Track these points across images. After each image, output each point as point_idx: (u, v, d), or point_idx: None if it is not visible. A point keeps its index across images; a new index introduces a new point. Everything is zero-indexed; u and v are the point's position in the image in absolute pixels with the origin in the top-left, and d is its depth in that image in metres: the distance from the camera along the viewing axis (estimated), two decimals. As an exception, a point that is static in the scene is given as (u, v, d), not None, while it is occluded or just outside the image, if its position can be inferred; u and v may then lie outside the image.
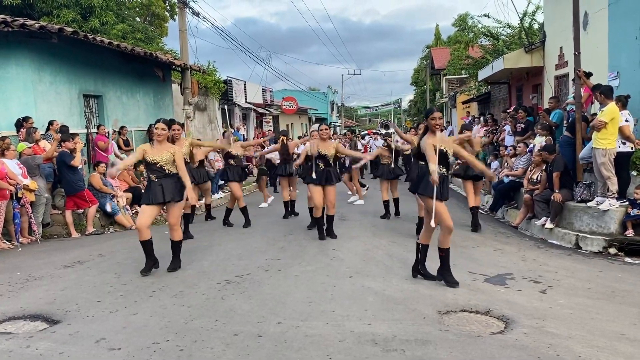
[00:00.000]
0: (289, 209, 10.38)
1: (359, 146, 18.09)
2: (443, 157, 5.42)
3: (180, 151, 6.39)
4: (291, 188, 10.53)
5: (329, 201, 7.99)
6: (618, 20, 9.38)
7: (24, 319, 4.69)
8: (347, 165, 13.47)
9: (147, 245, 6.09)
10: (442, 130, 5.61)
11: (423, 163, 5.54)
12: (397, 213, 10.12)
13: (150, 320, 4.52)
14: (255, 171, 14.87)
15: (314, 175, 7.90)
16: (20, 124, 9.27)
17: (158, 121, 6.20)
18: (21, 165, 8.32)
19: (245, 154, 10.35)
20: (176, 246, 6.31)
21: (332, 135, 14.86)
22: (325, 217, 8.07)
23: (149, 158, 6.05)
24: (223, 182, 12.10)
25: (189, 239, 7.88)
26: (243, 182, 9.64)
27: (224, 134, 10.99)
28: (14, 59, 9.75)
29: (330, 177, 7.98)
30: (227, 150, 9.50)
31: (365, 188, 13.44)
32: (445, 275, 5.50)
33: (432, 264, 5.68)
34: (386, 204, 9.96)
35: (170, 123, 6.30)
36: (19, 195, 7.98)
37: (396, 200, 10.11)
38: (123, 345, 4.00)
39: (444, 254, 5.49)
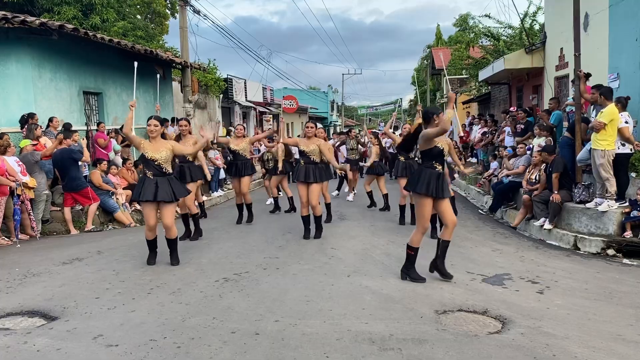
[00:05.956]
0: (291, 204, 10.88)
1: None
2: (439, 155, 5.55)
3: (177, 145, 6.50)
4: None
5: (310, 201, 7.72)
6: (618, 22, 9.38)
7: (22, 315, 4.69)
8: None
9: (152, 243, 6.40)
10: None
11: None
12: (387, 207, 10.79)
13: (148, 318, 4.53)
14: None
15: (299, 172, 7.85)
16: (25, 120, 9.27)
17: (150, 118, 6.22)
18: (20, 163, 8.32)
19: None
20: (173, 243, 6.42)
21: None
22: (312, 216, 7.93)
23: (147, 154, 6.10)
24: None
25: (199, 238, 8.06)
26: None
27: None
28: (14, 55, 9.76)
29: (309, 175, 7.65)
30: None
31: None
32: (440, 267, 5.65)
33: (424, 261, 5.70)
34: (369, 194, 11.10)
35: (161, 120, 6.35)
36: (18, 192, 7.98)
37: (385, 196, 10.84)
38: (120, 342, 4.01)
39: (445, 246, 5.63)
